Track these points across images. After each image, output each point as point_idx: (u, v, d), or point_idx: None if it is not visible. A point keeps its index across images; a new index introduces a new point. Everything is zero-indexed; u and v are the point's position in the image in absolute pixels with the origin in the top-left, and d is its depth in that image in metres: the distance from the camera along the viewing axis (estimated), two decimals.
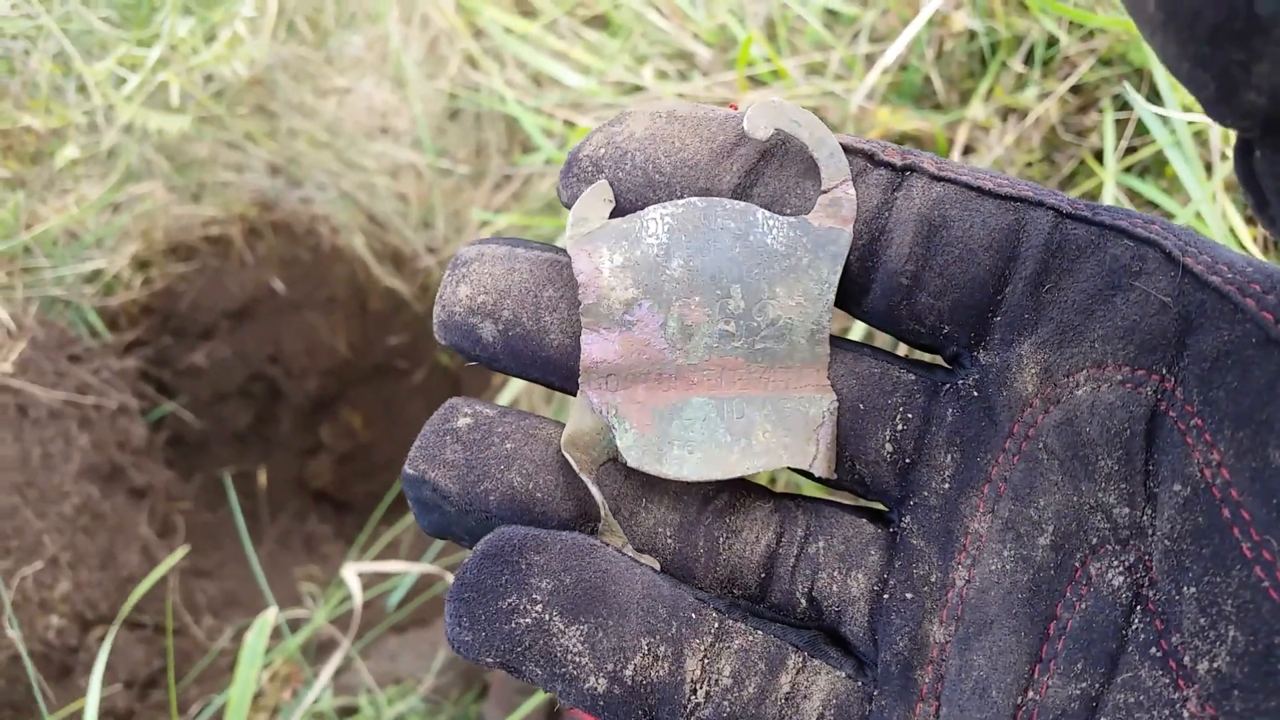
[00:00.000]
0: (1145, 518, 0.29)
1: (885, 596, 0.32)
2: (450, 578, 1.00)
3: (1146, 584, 0.28)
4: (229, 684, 0.97)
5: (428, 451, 0.35)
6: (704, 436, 0.34)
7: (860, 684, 0.32)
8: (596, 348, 0.34)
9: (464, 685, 0.98)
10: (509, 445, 0.34)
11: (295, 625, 1.03)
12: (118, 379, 1.18)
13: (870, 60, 1.03)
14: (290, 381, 1.35)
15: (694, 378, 0.34)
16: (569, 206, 0.35)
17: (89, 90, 1.15)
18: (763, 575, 0.34)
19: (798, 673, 0.32)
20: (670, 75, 1.11)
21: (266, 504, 1.33)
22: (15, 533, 1.00)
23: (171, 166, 1.23)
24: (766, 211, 0.34)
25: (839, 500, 0.35)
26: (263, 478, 1.33)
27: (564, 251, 0.36)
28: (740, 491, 0.35)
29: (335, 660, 0.91)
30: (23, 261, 1.17)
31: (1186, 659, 0.27)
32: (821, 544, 0.34)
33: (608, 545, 0.33)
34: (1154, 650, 0.27)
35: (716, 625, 0.32)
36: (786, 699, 0.31)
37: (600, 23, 1.18)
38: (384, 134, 1.24)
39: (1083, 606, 0.29)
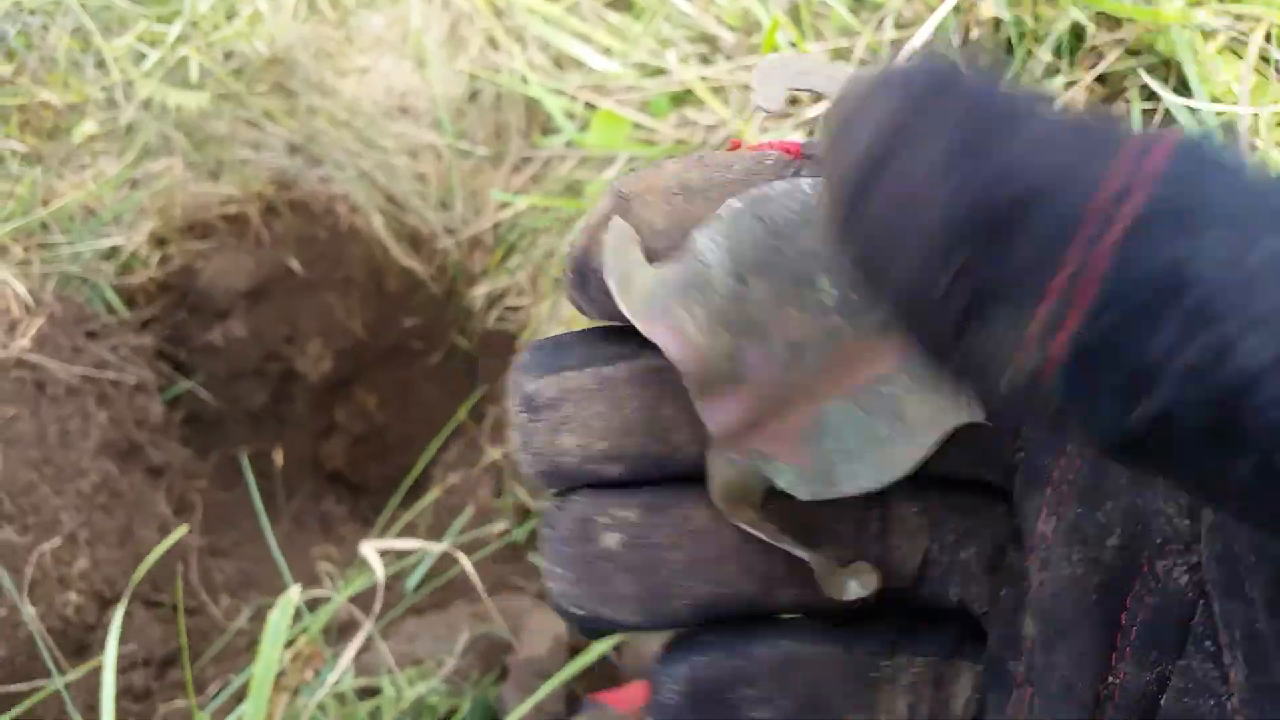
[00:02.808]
0: (1203, 528, 0.28)
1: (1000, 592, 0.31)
2: (468, 563, 1.00)
3: (1209, 581, 0.28)
4: (247, 664, 0.97)
5: (589, 588, 0.31)
6: (861, 439, 0.30)
7: None
8: (720, 414, 0.30)
9: (484, 667, 0.99)
10: (680, 555, 0.31)
11: (313, 605, 1.03)
12: (135, 356, 1.18)
13: (896, 46, 1.02)
14: (305, 361, 1.35)
15: (817, 387, 0.30)
16: (584, 311, 0.32)
17: (108, 65, 1.15)
18: (917, 579, 0.32)
19: (952, 683, 0.31)
20: (693, 59, 1.11)
21: (282, 484, 1.33)
22: (33, 509, 1.00)
23: (190, 143, 1.23)
24: (810, 180, 0.29)
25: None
26: (279, 458, 1.33)
27: (636, 340, 0.31)
28: (890, 504, 0.32)
29: (359, 639, 0.91)
30: (40, 238, 1.16)
31: (1227, 659, 0.26)
32: (974, 550, 0.32)
33: (811, 643, 0.30)
34: (1208, 644, 0.27)
35: (891, 673, 0.31)
36: (941, 702, 0.31)
37: (623, 4, 1.17)
38: (403, 114, 1.24)
39: (1152, 601, 0.28)
